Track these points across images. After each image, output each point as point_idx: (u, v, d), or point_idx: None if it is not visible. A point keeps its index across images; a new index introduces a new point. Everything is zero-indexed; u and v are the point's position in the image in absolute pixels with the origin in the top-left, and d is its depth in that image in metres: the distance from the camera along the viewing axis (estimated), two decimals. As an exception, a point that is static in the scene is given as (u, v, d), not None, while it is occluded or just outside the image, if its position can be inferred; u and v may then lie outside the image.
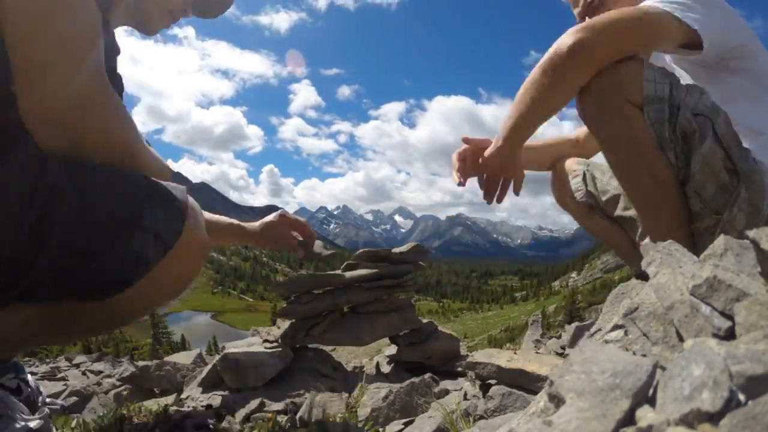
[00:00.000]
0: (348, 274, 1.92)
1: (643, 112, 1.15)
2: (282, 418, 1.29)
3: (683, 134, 1.14)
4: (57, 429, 1.11)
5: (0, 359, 1.52)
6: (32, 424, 0.94)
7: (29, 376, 1.65)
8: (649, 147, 1.15)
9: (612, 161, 1.30)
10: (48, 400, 1.73)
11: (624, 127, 1.17)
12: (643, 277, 0.84)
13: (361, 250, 2.13)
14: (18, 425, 0.92)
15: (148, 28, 1.14)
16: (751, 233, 0.51)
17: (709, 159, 1.12)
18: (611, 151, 1.28)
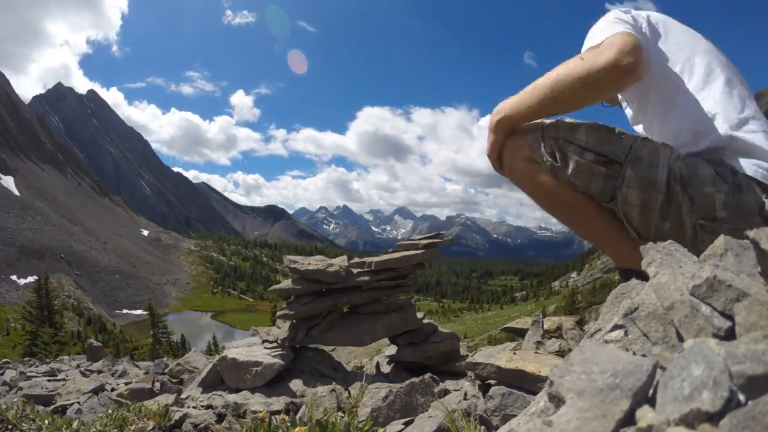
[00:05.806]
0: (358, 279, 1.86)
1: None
2: (282, 418, 1.29)
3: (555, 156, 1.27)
4: (58, 430, 1.11)
5: None
6: None
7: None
8: (551, 185, 1.30)
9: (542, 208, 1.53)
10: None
11: (528, 177, 1.34)
12: (640, 276, 0.85)
13: (373, 261, 1.99)
14: None
15: None
16: (751, 233, 0.51)
17: (579, 164, 1.23)
18: (534, 201, 1.47)
